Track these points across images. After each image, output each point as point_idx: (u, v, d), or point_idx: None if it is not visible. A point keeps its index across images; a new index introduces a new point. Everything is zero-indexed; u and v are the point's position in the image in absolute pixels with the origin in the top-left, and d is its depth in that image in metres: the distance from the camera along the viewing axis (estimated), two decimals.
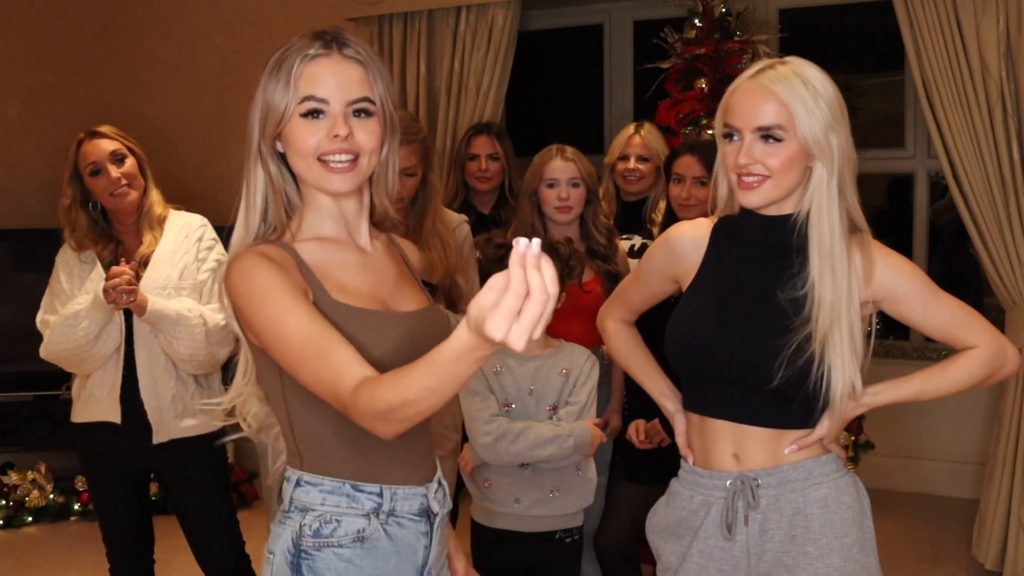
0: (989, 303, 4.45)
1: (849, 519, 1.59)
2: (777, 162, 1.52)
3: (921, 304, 1.58)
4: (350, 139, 1.36)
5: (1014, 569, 3.36)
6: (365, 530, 1.39)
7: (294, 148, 1.38)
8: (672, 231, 1.72)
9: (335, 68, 1.38)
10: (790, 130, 1.50)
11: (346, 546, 1.38)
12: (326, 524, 1.38)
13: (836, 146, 1.52)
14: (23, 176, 4.67)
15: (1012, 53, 3.23)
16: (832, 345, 1.52)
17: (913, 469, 4.32)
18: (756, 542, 1.59)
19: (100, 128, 2.52)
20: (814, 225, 1.54)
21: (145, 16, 4.94)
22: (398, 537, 1.41)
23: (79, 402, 2.54)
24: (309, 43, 1.40)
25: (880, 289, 1.57)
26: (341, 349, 1.26)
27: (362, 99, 1.38)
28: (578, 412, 2.22)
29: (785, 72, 1.52)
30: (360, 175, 1.39)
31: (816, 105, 1.51)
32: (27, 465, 4.39)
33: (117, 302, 2.32)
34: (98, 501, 2.64)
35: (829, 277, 1.53)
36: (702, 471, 1.66)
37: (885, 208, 4.92)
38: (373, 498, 1.40)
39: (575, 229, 2.75)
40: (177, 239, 2.55)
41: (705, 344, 1.60)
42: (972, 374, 1.60)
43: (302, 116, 1.36)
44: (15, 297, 4.29)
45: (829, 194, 1.53)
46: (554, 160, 2.71)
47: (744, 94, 1.54)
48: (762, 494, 1.59)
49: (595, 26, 4.86)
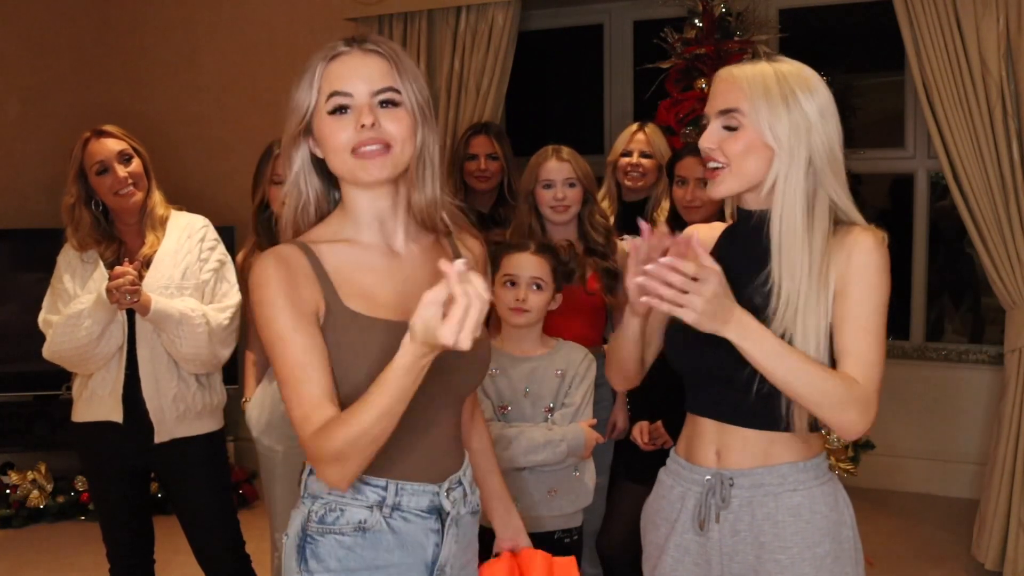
0: (989, 303, 4.46)
1: (823, 529, 1.56)
2: (733, 149, 1.51)
3: (852, 316, 1.49)
4: (377, 128, 1.37)
5: (1014, 569, 3.36)
6: (367, 521, 1.43)
7: (328, 146, 1.40)
8: (687, 231, 1.73)
9: (357, 62, 1.40)
10: (747, 116, 1.50)
11: (347, 534, 1.43)
12: (331, 512, 1.43)
13: (801, 138, 1.50)
14: (23, 176, 4.67)
15: (1012, 53, 3.23)
16: (798, 335, 1.48)
17: (913, 469, 4.32)
18: (728, 542, 1.59)
19: (106, 128, 2.52)
20: (773, 217, 1.53)
21: (145, 16, 4.94)
22: (403, 531, 1.44)
23: (80, 401, 2.54)
24: (333, 46, 1.42)
25: (840, 279, 1.51)
26: (317, 387, 1.33)
27: (386, 89, 1.39)
28: (573, 414, 2.22)
29: (762, 67, 1.53)
30: (394, 162, 1.39)
31: (781, 98, 1.50)
32: (27, 465, 4.39)
33: (120, 302, 2.32)
34: (98, 501, 2.65)
35: (787, 268, 1.51)
36: (684, 463, 1.66)
37: (885, 208, 4.92)
38: (378, 491, 1.43)
39: (573, 229, 2.76)
40: (179, 239, 2.56)
41: (690, 342, 1.59)
42: (825, 388, 1.44)
43: (330, 114, 1.39)
44: (15, 297, 4.29)
45: (788, 186, 1.51)
46: (549, 161, 2.72)
47: (716, 83, 1.57)
48: (734, 494, 1.58)
49: (595, 26, 4.86)
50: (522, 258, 2.24)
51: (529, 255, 2.24)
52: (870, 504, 4.05)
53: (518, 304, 2.21)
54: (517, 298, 2.21)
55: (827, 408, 1.46)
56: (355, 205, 1.45)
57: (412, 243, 1.49)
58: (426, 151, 1.43)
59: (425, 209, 1.46)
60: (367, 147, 1.37)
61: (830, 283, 1.51)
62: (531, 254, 2.25)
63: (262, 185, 2.64)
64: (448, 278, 1.16)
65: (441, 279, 1.19)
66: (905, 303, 4.42)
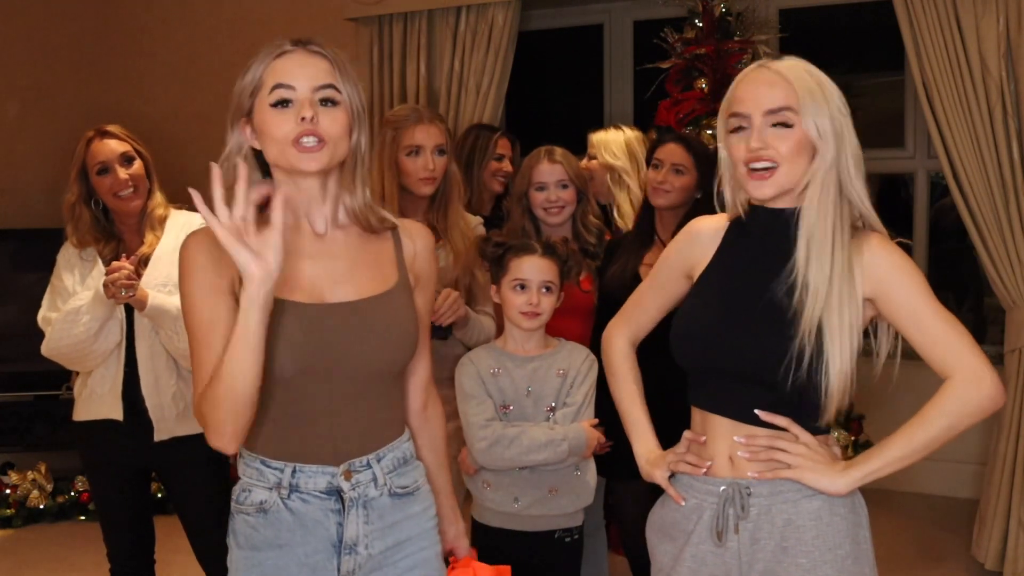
0: (989, 303, 4.46)
1: (843, 531, 1.56)
2: (786, 148, 1.51)
3: (912, 311, 1.52)
4: (315, 122, 1.44)
5: (1014, 569, 3.36)
6: (266, 501, 1.53)
7: (268, 136, 1.47)
8: (694, 222, 1.73)
9: (302, 60, 1.48)
10: (798, 114, 1.50)
11: (251, 514, 1.54)
12: (242, 492, 1.56)
13: (838, 137, 1.52)
14: (23, 176, 4.67)
15: (1012, 53, 3.23)
16: (826, 333, 1.49)
17: (913, 469, 4.28)
18: (747, 551, 1.57)
19: (109, 128, 2.53)
20: (806, 212, 1.53)
21: (145, 16, 4.95)
22: (302, 512, 1.52)
23: (80, 400, 2.55)
24: (278, 43, 1.51)
25: (877, 285, 1.53)
26: (216, 355, 1.40)
27: (327, 86, 1.47)
28: (574, 413, 2.22)
29: (791, 63, 1.55)
30: (329, 155, 1.47)
31: (822, 93, 1.52)
32: (27, 465, 4.39)
33: (117, 296, 2.33)
34: (99, 500, 2.65)
35: (816, 260, 1.51)
36: (695, 476, 1.63)
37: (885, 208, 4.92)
38: (276, 473, 1.52)
39: (568, 229, 2.75)
40: (178, 237, 2.55)
41: (707, 337, 1.58)
42: (956, 415, 1.52)
43: (272, 106, 1.46)
44: (15, 297, 4.29)
45: (824, 183, 1.52)
46: (541, 163, 2.71)
47: (752, 82, 1.55)
48: (753, 503, 1.56)
49: (595, 26, 4.87)
50: (532, 261, 2.24)
51: (538, 258, 2.24)
52: (870, 504, 4.05)
53: (531, 308, 2.22)
54: (530, 302, 2.21)
55: (976, 417, 1.53)
56: (285, 191, 1.49)
57: (338, 230, 1.56)
58: (359, 152, 1.53)
59: (358, 212, 1.56)
60: (305, 139, 1.44)
61: (856, 281, 1.52)
62: (540, 257, 2.25)
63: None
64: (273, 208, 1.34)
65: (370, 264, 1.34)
66: None
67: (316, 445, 1.52)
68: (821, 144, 1.51)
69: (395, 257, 1.61)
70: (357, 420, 1.55)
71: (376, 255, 1.59)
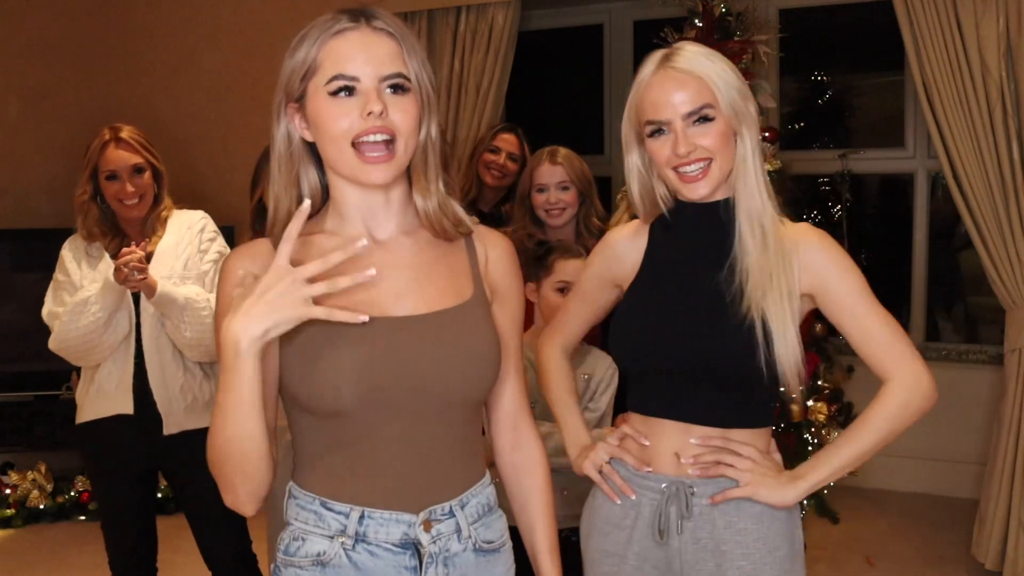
0: (989, 303, 4.46)
1: (782, 533, 1.56)
2: (712, 142, 1.49)
3: (850, 307, 1.51)
4: (385, 117, 1.21)
5: (1014, 569, 3.36)
6: (325, 553, 1.26)
7: (323, 132, 1.24)
8: (610, 234, 1.72)
9: (365, 41, 1.23)
10: (717, 106, 1.49)
11: (305, 568, 1.27)
12: (294, 541, 1.29)
13: (751, 121, 1.52)
14: (23, 176, 4.67)
15: (1012, 53, 3.23)
16: (771, 314, 1.47)
17: (913, 469, 4.32)
18: (689, 550, 1.56)
19: (123, 135, 2.55)
20: (741, 195, 1.52)
21: (146, 16, 4.95)
22: (368, 567, 1.26)
23: (86, 400, 2.55)
24: (334, 18, 1.24)
25: (814, 280, 1.52)
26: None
27: (396, 75, 1.23)
28: (597, 420, 2.24)
29: (688, 54, 1.51)
30: (398, 164, 1.24)
31: (727, 75, 1.50)
32: (27, 465, 4.38)
33: (128, 279, 2.35)
34: (103, 504, 2.64)
35: (759, 243, 1.50)
36: (634, 469, 1.61)
37: (885, 208, 4.92)
38: (339, 518, 1.26)
39: (571, 230, 2.75)
40: (180, 232, 2.61)
41: (647, 337, 1.56)
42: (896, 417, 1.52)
43: (331, 95, 1.22)
44: (15, 297, 4.28)
45: (753, 164, 1.52)
46: (542, 165, 2.72)
47: (661, 86, 1.51)
48: (696, 503, 1.56)
49: (595, 26, 4.87)
50: (578, 265, 2.27)
51: (584, 263, 2.27)
52: (870, 504, 4.06)
53: None
54: None
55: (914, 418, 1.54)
56: (343, 197, 1.31)
57: (404, 236, 1.33)
58: (429, 144, 1.29)
59: (431, 214, 1.32)
60: (370, 137, 1.21)
61: (794, 273, 1.51)
62: (584, 261, 2.28)
63: (260, 184, 2.65)
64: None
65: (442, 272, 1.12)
66: (905, 303, 4.43)
67: (389, 486, 1.26)
68: (743, 120, 1.51)
69: (469, 266, 1.37)
70: (437, 457, 1.29)
71: (450, 264, 1.35)
